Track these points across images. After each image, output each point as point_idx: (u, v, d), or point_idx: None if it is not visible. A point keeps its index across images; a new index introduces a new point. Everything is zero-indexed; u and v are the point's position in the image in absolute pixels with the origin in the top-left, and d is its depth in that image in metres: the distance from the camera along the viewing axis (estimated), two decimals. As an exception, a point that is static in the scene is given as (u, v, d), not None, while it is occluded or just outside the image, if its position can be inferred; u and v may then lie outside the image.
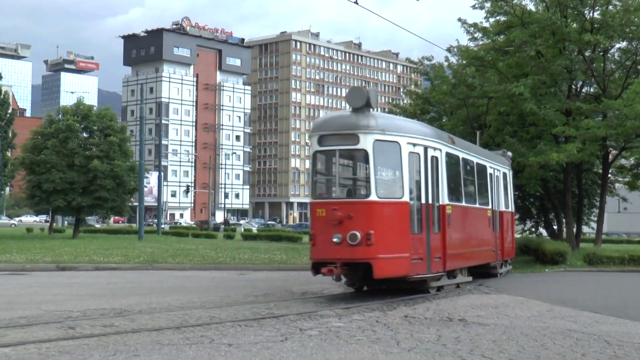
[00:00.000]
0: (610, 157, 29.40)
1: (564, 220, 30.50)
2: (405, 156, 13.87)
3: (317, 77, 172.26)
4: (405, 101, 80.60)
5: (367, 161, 13.34)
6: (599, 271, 23.42)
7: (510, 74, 27.53)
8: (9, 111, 57.77)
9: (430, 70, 42.45)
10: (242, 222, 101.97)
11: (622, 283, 19.69)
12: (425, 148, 14.53)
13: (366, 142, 13.32)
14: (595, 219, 30.79)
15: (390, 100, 59.16)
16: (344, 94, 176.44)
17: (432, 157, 14.79)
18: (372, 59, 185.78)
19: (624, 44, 28.11)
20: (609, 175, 30.76)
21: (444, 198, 15.17)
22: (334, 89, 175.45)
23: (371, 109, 13.72)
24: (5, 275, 20.25)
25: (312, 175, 14.24)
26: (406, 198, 13.74)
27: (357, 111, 13.56)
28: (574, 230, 29.34)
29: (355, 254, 13.08)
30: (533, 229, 34.53)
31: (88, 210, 46.11)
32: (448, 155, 15.71)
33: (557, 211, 31.63)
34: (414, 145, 14.20)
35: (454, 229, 15.70)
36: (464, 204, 16.73)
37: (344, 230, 13.06)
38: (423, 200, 14.34)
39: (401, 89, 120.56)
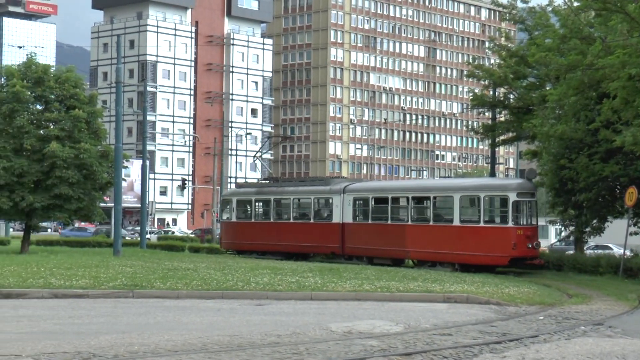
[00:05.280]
0: None
1: None
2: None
3: (367, 27, 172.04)
4: (491, 61, 80.00)
5: (537, 205, 36.47)
6: None
7: (646, 20, 27.20)
8: None
9: (528, 16, 42.16)
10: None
11: None
12: None
13: (536, 196, 36.35)
14: None
15: (472, 60, 58.33)
16: (404, 51, 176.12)
17: None
18: (444, 1, 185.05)
19: None
20: None
21: None
22: (391, 43, 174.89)
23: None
24: None
25: (508, 212, 35.09)
26: (536, 223, 36.25)
27: (531, 180, 35.88)
28: None
29: (536, 253, 35.31)
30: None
31: (43, 213, 46.27)
32: None
33: None
34: None
35: None
36: None
37: (532, 240, 34.65)
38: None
39: (486, 43, 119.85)
